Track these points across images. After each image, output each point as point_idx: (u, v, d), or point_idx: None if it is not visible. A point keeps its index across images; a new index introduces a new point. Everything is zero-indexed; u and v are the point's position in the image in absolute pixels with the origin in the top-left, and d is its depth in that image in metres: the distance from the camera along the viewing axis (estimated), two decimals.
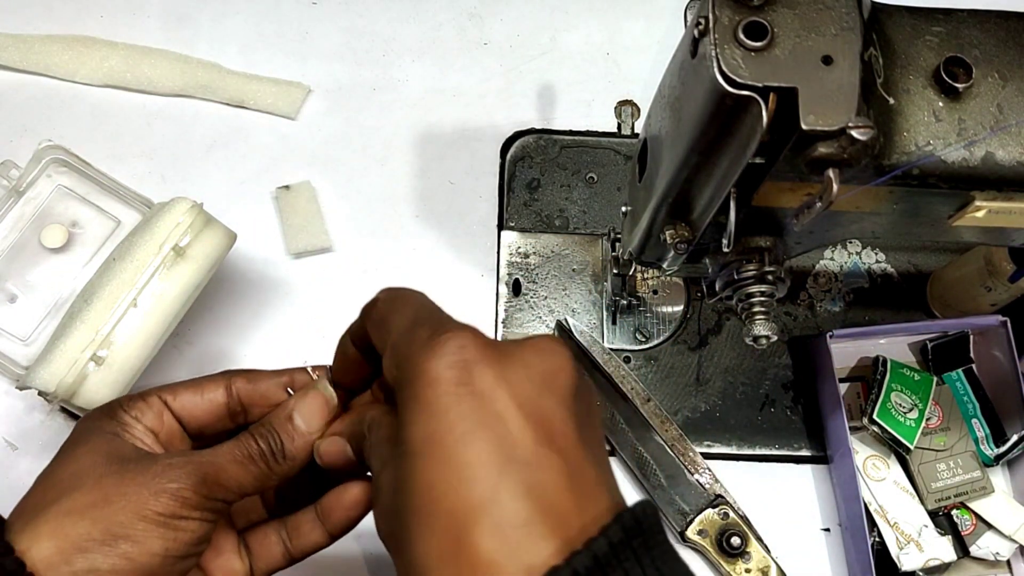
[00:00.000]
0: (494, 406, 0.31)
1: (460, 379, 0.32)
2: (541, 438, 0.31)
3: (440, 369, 0.32)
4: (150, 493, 0.38)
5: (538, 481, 0.30)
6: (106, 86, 0.76)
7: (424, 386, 0.32)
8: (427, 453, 0.31)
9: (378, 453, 0.37)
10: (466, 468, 0.30)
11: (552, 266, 0.74)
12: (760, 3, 0.39)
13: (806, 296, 0.74)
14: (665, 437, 0.67)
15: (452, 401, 0.31)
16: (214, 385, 0.44)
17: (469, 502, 0.30)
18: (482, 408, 0.31)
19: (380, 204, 0.75)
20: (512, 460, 0.30)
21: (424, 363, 0.32)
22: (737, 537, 0.64)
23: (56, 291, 0.68)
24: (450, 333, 0.33)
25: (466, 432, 0.31)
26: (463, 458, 0.30)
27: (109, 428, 0.41)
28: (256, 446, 0.41)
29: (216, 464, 0.40)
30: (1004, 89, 0.43)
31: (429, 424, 0.31)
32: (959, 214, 0.46)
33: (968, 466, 0.66)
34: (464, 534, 0.29)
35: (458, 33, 0.81)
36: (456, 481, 0.30)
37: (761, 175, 0.44)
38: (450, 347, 0.32)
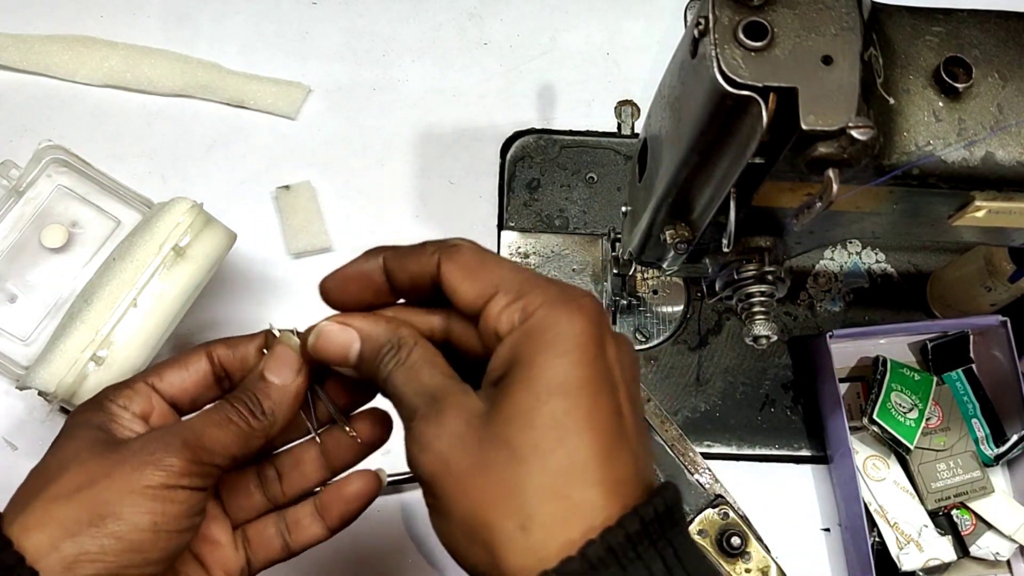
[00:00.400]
0: (613, 374, 0.34)
1: (599, 342, 0.34)
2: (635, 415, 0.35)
3: (587, 326, 0.34)
4: (133, 468, 0.37)
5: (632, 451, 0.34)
6: (106, 86, 0.76)
7: (566, 339, 0.33)
8: (562, 396, 0.32)
9: (419, 375, 0.37)
10: (590, 418, 0.33)
11: (552, 266, 0.74)
12: (760, 3, 0.39)
13: (806, 296, 0.74)
14: (665, 437, 0.67)
15: (588, 359, 0.33)
16: (196, 357, 0.43)
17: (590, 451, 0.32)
18: (608, 374, 0.34)
19: (380, 204, 0.75)
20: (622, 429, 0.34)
21: (571, 315, 0.34)
22: (737, 537, 0.64)
23: (56, 291, 0.68)
24: (587, 296, 0.35)
25: (597, 388, 0.33)
26: (592, 407, 0.33)
27: (96, 420, 0.40)
28: (233, 406, 0.40)
29: (196, 429, 0.39)
30: (1004, 89, 0.43)
31: (567, 371, 0.33)
32: (959, 214, 0.46)
33: (968, 466, 0.66)
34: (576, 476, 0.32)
35: (458, 33, 0.81)
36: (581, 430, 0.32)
37: (761, 175, 0.44)
38: (592, 309, 0.34)
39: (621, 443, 0.33)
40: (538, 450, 0.32)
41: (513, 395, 0.33)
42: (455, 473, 0.33)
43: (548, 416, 0.32)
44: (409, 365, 0.37)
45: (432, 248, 0.38)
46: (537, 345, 0.34)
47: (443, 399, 0.35)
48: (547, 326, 0.34)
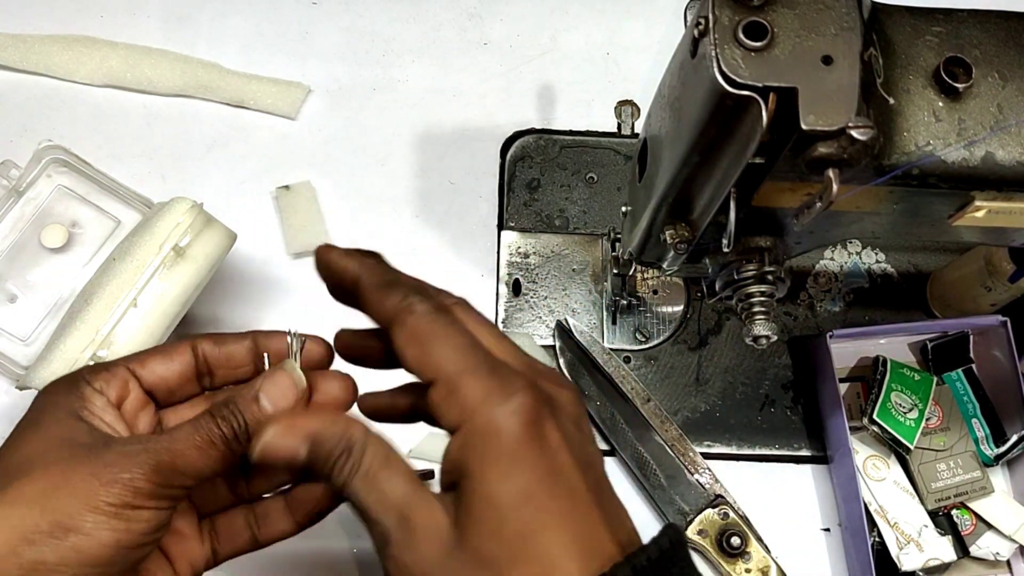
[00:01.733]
0: (559, 460, 0.35)
1: (540, 434, 0.34)
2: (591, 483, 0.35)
3: (525, 425, 0.34)
4: (101, 483, 0.35)
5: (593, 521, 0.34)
6: (106, 86, 0.76)
7: (506, 446, 0.34)
8: (524, 503, 0.33)
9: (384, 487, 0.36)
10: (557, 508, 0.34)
11: (552, 266, 0.74)
12: (760, 3, 0.39)
13: (806, 296, 0.74)
14: (665, 437, 0.67)
15: (539, 455, 0.34)
16: (181, 348, 0.42)
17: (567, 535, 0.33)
18: (554, 463, 0.34)
19: (380, 204, 0.75)
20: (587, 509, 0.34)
21: (508, 418, 0.34)
22: (737, 537, 0.64)
23: (56, 291, 0.68)
24: (519, 387, 0.35)
25: (556, 483, 0.34)
26: (554, 499, 0.34)
27: (67, 405, 0.39)
28: (218, 430, 0.38)
29: (173, 451, 0.37)
30: (1004, 89, 0.43)
31: (525, 476, 0.34)
32: (959, 214, 0.46)
33: (968, 466, 0.66)
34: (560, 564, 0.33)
35: (458, 33, 0.81)
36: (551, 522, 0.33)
37: (761, 175, 0.44)
38: (527, 403, 0.35)
39: (590, 522, 0.34)
40: (516, 562, 0.33)
41: (475, 513, 0.34)
42: None
43: (514, 529, 0.33)
44: (364, 472, 0.36)
45: (396, 299, 0.38)
46: (481, 457, 0.34)
47: (412, 518, 0.35)
48: (485, 433, 0.34)
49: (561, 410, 0.36)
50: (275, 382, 0.40)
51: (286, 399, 0.40)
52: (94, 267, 0.67)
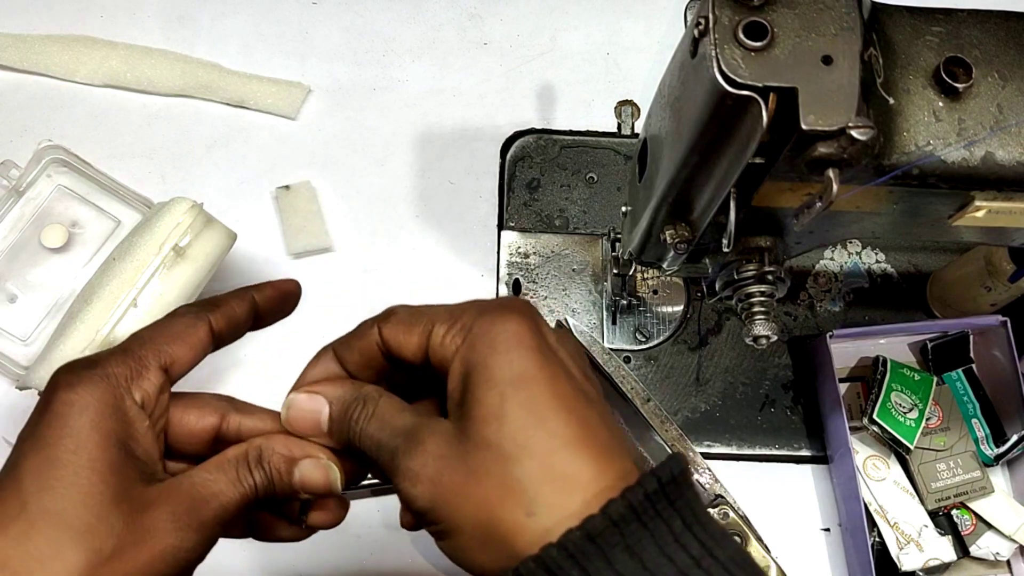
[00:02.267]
0: (558, 355, 0.36)
1: (538, 332, 0.36)
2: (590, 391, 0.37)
3: (522, 321, 0.35)
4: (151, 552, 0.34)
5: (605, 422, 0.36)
6: (106, 86, 0.76)
7: (507, 336, 0.35)
8: (523, 386, 0.34)
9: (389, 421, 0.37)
10: (557, 399, 0.34)
11: (552, 266, 0.74)
12: (760, 3, 0.39)
13: (806, 296, 0.74)
14: (665, 437, 0.67)
15: (534, 347, 0.35)
16: (211, 412, 0.41)
17: (568, 427, 0.34)
18: (553, 356, 0.35)
19: (380, 204, 0.75)
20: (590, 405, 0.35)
21: (505, 317, 0.35)
22: (737, 537, 0.64)
23: (56, 291, 0.68)
24: (517, 300, 0.37)
25: (553, 372, 0.35)
26: (555, 390, 0.34)
27: (110, 430, 0.35)
28: (253, 491, 0.38)
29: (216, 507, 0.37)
30: (1004, 89, 0.43)
31: (519, 363, 0.34)
32: (959, 214, 0.46)
33: (968, 466, 0.66)
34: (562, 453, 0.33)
35: (458, 33, 0.81)
36: (552, 410, 0.34)
37: (761, 175, 0.44)
38: (523, 308, 0.36)
39: (593, 417, 0.35)
40: (518, 441, 0.33)
41: (479, 398, 0.34)
42: (450, 490, 0.34)
43: (517, 408, 0.34)
44: (378, 414, 0.38)
45: (370, 323, 0.39)
46: (484, 349, 0.35)
47: (418, 432, 0.36)
48: (487, 331, 0.35)
49: (559, 330, 0.38)
50: (314, 470, 0.40)
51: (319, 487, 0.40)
52: (94, 267, 0.67)
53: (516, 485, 0.33)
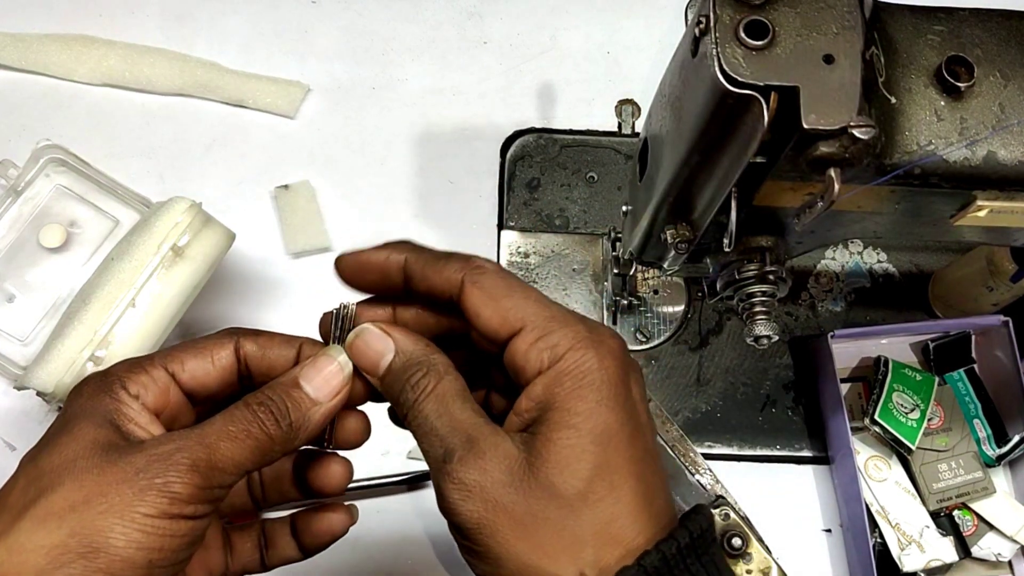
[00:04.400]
0: (639, 411, 0.36)
1: (626, 382, 0.35)
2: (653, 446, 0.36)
3: (616, 369, 0.35)
4: (135, 493, 0.33)
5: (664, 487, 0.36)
6: (105, 85, 0.76)
7: (599, 383, 0.34)
8: (603, 443, 0.33)
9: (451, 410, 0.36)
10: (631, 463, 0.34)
11: (552, 266, 0.73)
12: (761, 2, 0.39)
13: (807, 296, 0.74)
14: (666, 438, 0.67)
15: (620, 401, 0.34)
16: (221, 348, 0.39)
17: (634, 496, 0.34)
18: (635, 412, 0.35)
19: (380, 204, 0.75)
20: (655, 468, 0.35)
21: (602, 359, 0.34)
22: (738, 538, 0.64)
23: (54, 291, 0.68)
24: (613, 337, 0.36)
25: (633, 432, 0.34)
26: (631, 453, 0.34)
27: (100, 408, 0.36)
28: (256, 416, 0.36)
29: (209, 444, 0.35)
30: (1006, 88, 0.43)
31: (605, 416, 0.34)
32: (961, 214, 0.46)
33: (970, 466, 0.66)
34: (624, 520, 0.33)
35: (458, 32, 0.81)
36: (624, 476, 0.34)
37: (762, 174, 0.44)
38: (619, 350, 0.35)
39: (657, 481, 0.35)
40: (588, 500, 0.33)
41: (556, 442, 0.33)
42: (504, 522, 0.33)
43: (593, 466, 0.33)
44: (439, 394, 0.36)
45: (457, 265, 0.37)
46: (572, 390, 0.34)
47: (480, 440, 0.34)
48: (580, 370, 0.34)
49: (636, 368, 0.37)
50: (318, 367, 0.38)
51: (330, 385, 0.38)
52: (92, 267, 0.67)
53: (575, 542, 0.33)
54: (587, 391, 0.34)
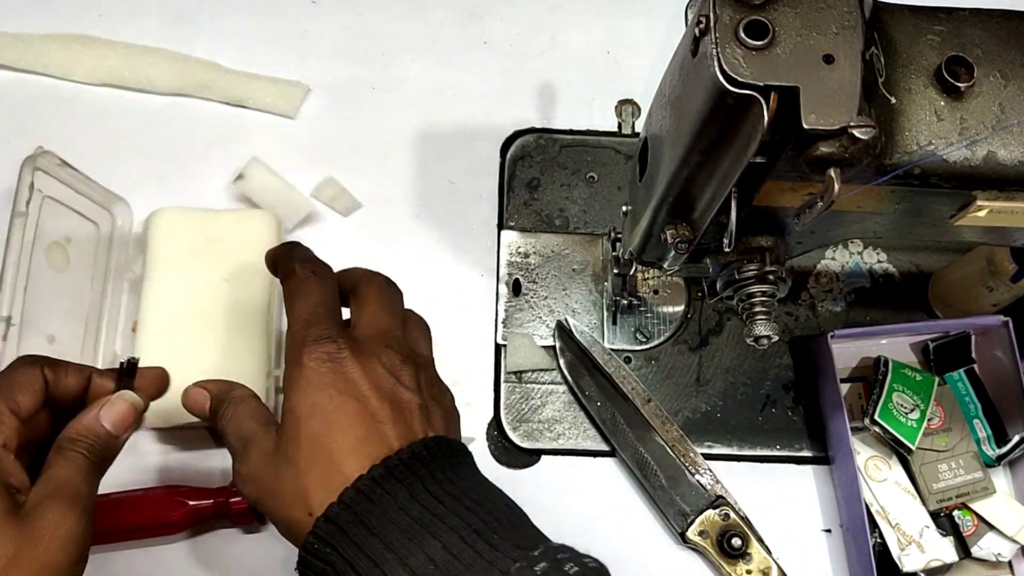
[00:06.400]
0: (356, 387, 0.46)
1: (333, 368, 0.46)
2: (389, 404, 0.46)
3: (314, 369, 0.46)
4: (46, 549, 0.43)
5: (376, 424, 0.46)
6: (104, 85, 0.76)
7: (307, 373, 0.46)
8: (314, 416, 0.45)
9: (242, 426, 0.49)
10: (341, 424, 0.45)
11: (552, 266, 0.73)
12: (761, 2, 0.39)
13: (807, 296, 0.74)
14: (666, 438, 0.67)
15: (326, 383, 0.46)
16: (36, 380, 0.49)
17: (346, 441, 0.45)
18: (347, 387, 0.46)
19: (380, 204, 0.75)
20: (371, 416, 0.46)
21: (307, 358, 0.46)
22: (738, 538, 0.64)
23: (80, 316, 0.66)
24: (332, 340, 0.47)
25: (342, 402, 0.46)
26: (337, 417, 0.45)
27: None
28: (83, 455, 0.47)
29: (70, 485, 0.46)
30: (1006, 88, 0.43)
31: (313, 397, 0.46)
32: (961, 214, 0.46)
33: (970, 467, 0.66)
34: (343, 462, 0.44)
35: (458, 32, 0.81)
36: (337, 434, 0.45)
37: (762, 175, 0.44)
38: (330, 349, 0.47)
39: (373, 430, 0.45)
40: (311, 460, 0.45)
41: (284, 425, 0.46)
42: (266, 493, 0.46)
43: (308, 433, 0.45)
44: (233, 417, 0.50)
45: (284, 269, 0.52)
46: (290, 382, 0.47)
47: (250, 441, 0.47)
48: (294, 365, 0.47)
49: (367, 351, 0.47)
50: (115, 409, 0.50)
51: (126, 421, 0.50)
52: (99, 285, 0.67)
53: (304, 493, 0.44)
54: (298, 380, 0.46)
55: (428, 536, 0.42)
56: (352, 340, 0.48)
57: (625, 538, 0.66)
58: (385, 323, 0.50)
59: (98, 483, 0.48)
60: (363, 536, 0.42)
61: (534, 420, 0.69)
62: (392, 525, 0.42)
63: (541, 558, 0.43)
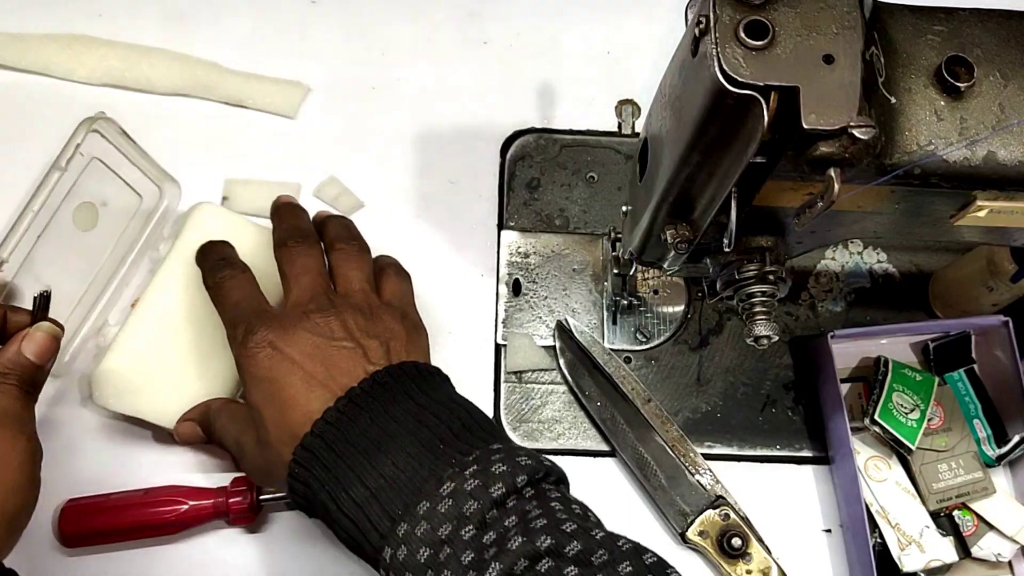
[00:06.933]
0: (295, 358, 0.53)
1: (271, 356, 0.53)
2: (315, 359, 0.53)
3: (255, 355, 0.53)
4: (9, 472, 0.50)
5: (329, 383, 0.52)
6: (104, 85, 0.76)
7: (249, 367, 0.53)
8: (265, 406, 0.52)
9: (230, 431, 0.57)
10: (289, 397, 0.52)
11: (552, 266, 0.73)
12: (761, 2, 0.39)
13: (807, 296, 0.74)
14: (666, 438, 0.67)
15: (266, 368, 0.53)
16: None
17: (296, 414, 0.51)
18: (284, 361, 0.53)
19: (380, 204, 0.75)
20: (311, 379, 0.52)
21: (244, 356, 0.54)
22: (738, 538, 0.64)
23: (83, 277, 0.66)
24: (255, 333, 0.54)
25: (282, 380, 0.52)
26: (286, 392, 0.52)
27: None
28: (19, 388, 0.53)
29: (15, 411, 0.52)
30: (1006, 88, 0.43)
31: (261, 387, 0.53)
32: (961, 214, 0.46)
33: (970, 467, 0.66)
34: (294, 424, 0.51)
35: (458, 32, 0.81)
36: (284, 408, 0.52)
37: (762, 175, 0.44)
38: (258, 340, 0.53)
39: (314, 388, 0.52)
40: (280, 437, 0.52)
41: (254, 419, 0.54)
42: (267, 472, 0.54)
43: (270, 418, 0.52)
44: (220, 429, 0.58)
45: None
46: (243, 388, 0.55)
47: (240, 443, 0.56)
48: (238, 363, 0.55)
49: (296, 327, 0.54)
50: (35, 340, 0.55)
51: (48, 350, 0.55)
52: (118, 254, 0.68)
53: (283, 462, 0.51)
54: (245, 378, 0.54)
55: (381, 454, 0.48)
56: (276, 320, 0.54)
57: None
58: (307, 289, 0.56)
59: (33, 408, 0.54)
60: (331, 459, 0.49)
61: (534, 420, 0.69)
62: (352, 447, 0.49)
63: (474, 462, 0.48)
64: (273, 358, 0.52)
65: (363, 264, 0.60)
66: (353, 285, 0.58)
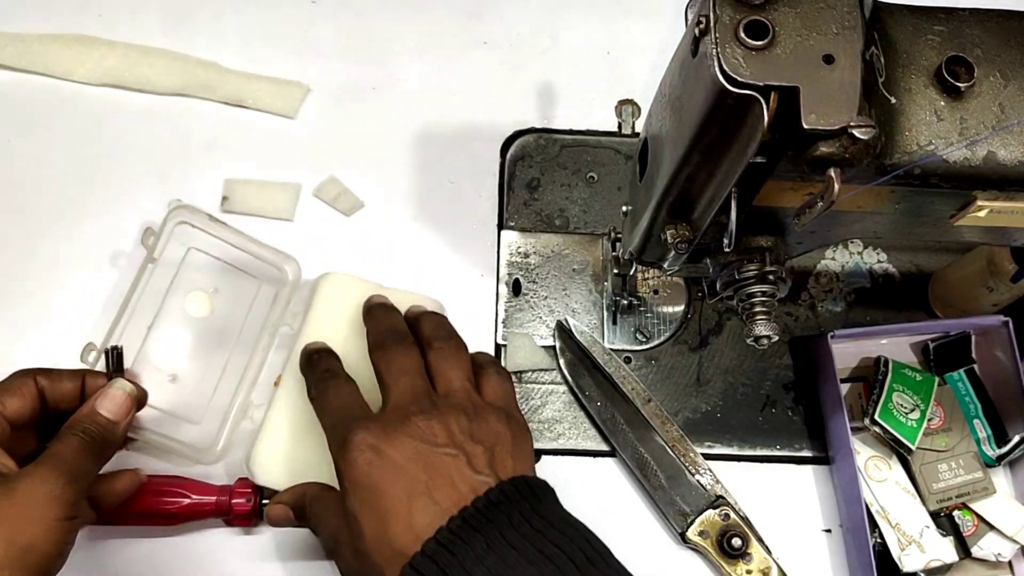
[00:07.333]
0: (394, 464, 0.50)
1: (370, 461, 0.50)
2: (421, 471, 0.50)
3: (354, 460, 0.50)
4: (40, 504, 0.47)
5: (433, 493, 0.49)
6: (104, 85, 0.76)
7: (348, 472, 0.51)
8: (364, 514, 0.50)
9: (326, 523, 0.54)
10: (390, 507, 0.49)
11: (552, 266, 0.73)
12: (761, 2, 0.39)
13: (807, 296, 0.74)
14: (666, 438, 0.67)
15: (365, 473, 0.50)
16: (25, 386, 0.54)
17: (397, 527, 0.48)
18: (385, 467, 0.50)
19: (380, 204, 0.75)
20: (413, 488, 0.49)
21: (344, 461, 0.51)
22: (738, 538, 0.64)
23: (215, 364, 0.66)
24: (355, 436, 0.51)
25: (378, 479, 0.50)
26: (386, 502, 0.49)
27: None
28: (81, 438, 0.52)
29: (68, 462, 0.50)
30: (1006, 88, 0.43)
31: (359, 495, 0.50)
32: (961, 214, 0.46)
33: (970, 467, 0.66)
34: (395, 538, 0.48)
35: (458, 32, 0.81)
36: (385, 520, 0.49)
37: (762, 175, 0.44)
38: (357, 443, 0.51)
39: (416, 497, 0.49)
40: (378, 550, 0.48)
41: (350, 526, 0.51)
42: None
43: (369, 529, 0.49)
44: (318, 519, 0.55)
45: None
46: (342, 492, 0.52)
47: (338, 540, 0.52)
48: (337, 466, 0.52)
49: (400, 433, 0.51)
50: (109, 396, 0.55)
51: (122, 407, 0.55)
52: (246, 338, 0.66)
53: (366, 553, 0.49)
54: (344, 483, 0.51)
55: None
56: (376, 424, 0.51)
57: (625, 538, 0.66)
58: (407, 390, 0.54)
59: (95, 465, 0.52)
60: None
61: (534, 420, 0.69)
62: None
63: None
64: (373, 463, 0.50)
65: (462, 362, 0.57)
66: (454, 384, 0.55)
